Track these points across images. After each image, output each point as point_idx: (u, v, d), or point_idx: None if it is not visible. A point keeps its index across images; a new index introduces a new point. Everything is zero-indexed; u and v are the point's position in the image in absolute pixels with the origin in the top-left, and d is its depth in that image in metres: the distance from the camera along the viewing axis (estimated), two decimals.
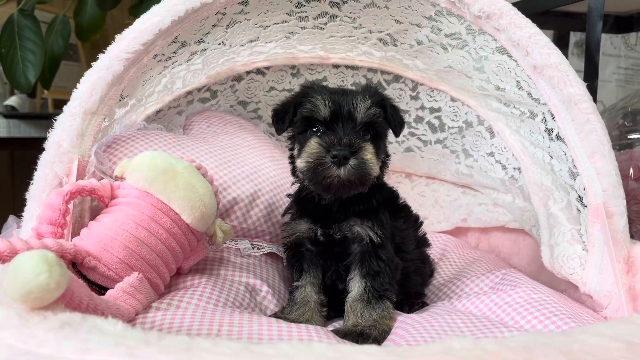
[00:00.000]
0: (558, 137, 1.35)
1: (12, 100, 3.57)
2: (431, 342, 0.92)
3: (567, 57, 3.20)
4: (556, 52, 1.28)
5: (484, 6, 1.30)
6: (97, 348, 0.56)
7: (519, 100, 1.46)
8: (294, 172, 1.26)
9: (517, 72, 1.40)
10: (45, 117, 3.31)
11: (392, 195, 1.36)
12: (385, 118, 1.21)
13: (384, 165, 1.27)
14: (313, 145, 1.11)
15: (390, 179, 2.11)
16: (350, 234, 1.19)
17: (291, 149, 1.27)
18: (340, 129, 1.11)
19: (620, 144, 2.25)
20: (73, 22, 2.86)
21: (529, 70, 1.33)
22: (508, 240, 1.80)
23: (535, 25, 1.30)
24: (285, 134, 1.29)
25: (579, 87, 1.24)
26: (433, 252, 1.71)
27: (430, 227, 2.00)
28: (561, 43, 2.92)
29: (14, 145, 3.53)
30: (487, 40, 1.41)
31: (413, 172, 2.07)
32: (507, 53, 1.37)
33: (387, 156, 1.30)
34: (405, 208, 1.39)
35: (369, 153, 1.11)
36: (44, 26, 2.79)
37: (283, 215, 1.34)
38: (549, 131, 1.40)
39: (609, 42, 3.47)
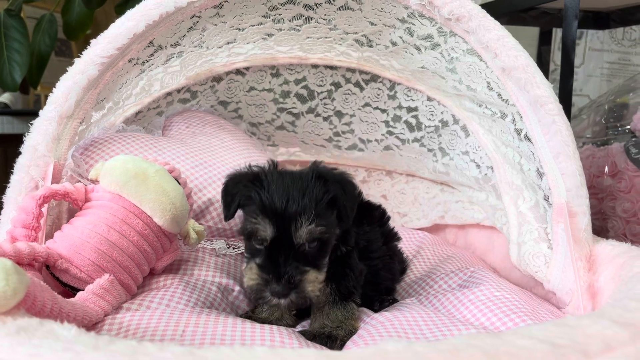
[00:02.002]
0: (526, 137, 1.38)
1: (5, 97, 3.59)
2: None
3: (551, 53, 3.22)
4: (524, 54, 1.31)
5: (454, 9, 1.32)
6: (47, 353, 0.59)
7: (490, 101, 1.49)
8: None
9: (487, 74, 1.43)
10: (38, 114, 3.34)
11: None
12: (338, 212, 1.13)
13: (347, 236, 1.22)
14: (253, 275, 1.06)
15: (372, 177, 2.14)
16: None
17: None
18: (281, 256, 1.04)
19: (601, 139, 2.28)
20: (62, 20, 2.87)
21: (498, 72, 1.35)
22: (483, 237, 1.83)
23: (503, 27, 1.32)
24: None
25: (545, 88, 1.26)
26: (409, 249, 1.75)
27: (410, 224, 2.04)
28: (545, 39, 2.94)
29: (7, 142, 3.55)
30: (458, 42, 1.43)
31: (393, 170, 2.10)
32: (477, 55, 1.40)
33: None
34: (368, 207, 1.40)
35: (309, 284, 1.06)
36: (33, 22, 2.80)
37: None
38: (518, 131, 1.43)
39: (595, 37, 3.50)
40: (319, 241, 1.09)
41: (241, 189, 1.12)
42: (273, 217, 1.04)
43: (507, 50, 1.29)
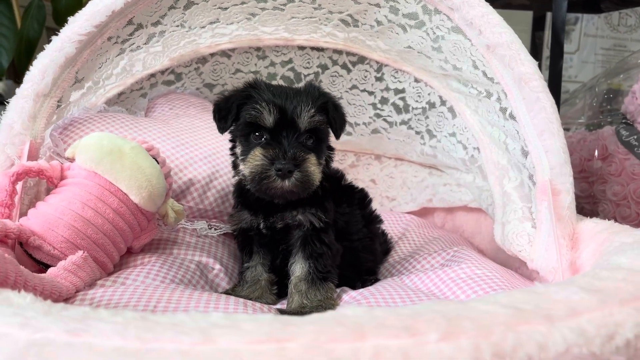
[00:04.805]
0: (511, 115, 1.36)
1: None
2: None
3: (545, 40, 3.19)
4: (508, 30, 1.29)
5: None
6: None
7: (475, 80, 1.47)
8: (234, 165, 1.25)
9: (472, 52, 1.41)
10: None
11: (337, 180, 1.36)
12: (328, 121, 1.19)
13: (328, 159, 1.27)
14: (257, 156, 1.10)
15: (360, 161, 2.12)
16: (292, 222, 1.19)
17: (232, 145, 1.25)
18: (284, 139, 1.10)
19: (594, 123, 2.26)
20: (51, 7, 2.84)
21: (483, 50, 1.34)
22: (471, 219, 1.82)
23: (487, 4, 1.30)
24: None
25: (530, 65, 1.24)
26: (395, 231, 1.73)
27: (398, 208, 2.02)
28: (539, 24, 2.92)
29: None
30: (442, 19, 1.41)
31: (382, 154, 2.08)
32: (461, 32, 1.38)
33: (332, 150, 1.28)
34: (349, 189, 1.40)
35: (312, 164, 1.11)
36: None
37: (234, 206, 1.34)
38: (503, 110, 1.41)
39: (590, 23, 3.47)
40: (316, 136, 1.15)
41: (238, 95, 1.18)
42: (276, 105, 1.11)
43: (491, 27, 1.28)
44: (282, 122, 1.11)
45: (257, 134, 1.13)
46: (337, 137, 1.24)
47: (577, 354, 0.57)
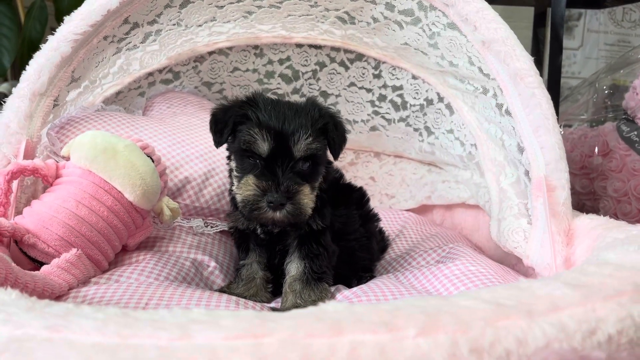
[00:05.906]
0: (507, 112, 1.36)
1: (3, 87, 3.60)
2: None
3: (547, 36, 3.16)
4: (503, 26, 1.28)
5: None
6: None
7: (472, 76, 1.46)
8: (230, 172, 1.23)
9: (468, 48, 1.40)
10: None
11: (335, 180, 1.35)
12: (327, 140, 1.17)
13: (326, 173, 1.24)
14: (250, 186, 1.07)
15: (360, 159, 2.12)
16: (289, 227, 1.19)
17: (229, 156, 1.23)
18: (278, 168, 1.07)
19: (597, 119, 2.24)
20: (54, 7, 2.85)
21: (478, 45, 1.33)
22: (470, 216, 1.81)
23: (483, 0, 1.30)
24: None
25: (525, 61, 1.24)
26: (392, 228, 1.73)
27: (398, 206, 2.02)
28: (541, 20, 2.90)
29: None
30: (438, 16, 1.41)
31: (381, 151, 2.08)
32: (457, 28, 1.37)
33: (330, 163, 1.27)
34: (347, 189, 1.39)
35: (305, 196, 1.08)
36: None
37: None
38: (499, 106, 1.40)
39: (594, 18, 3.43)
40: (313, 160, 1.12)
41: (235, 111, 1.14)
42: (271, 131, 1.07)
43: (486, 23, 1.27)
44: (278, 149, 1.08)
45: (251, 158, 1.11)
46: (335, 157, 1.21)
47: (558, 349, 0.57)
